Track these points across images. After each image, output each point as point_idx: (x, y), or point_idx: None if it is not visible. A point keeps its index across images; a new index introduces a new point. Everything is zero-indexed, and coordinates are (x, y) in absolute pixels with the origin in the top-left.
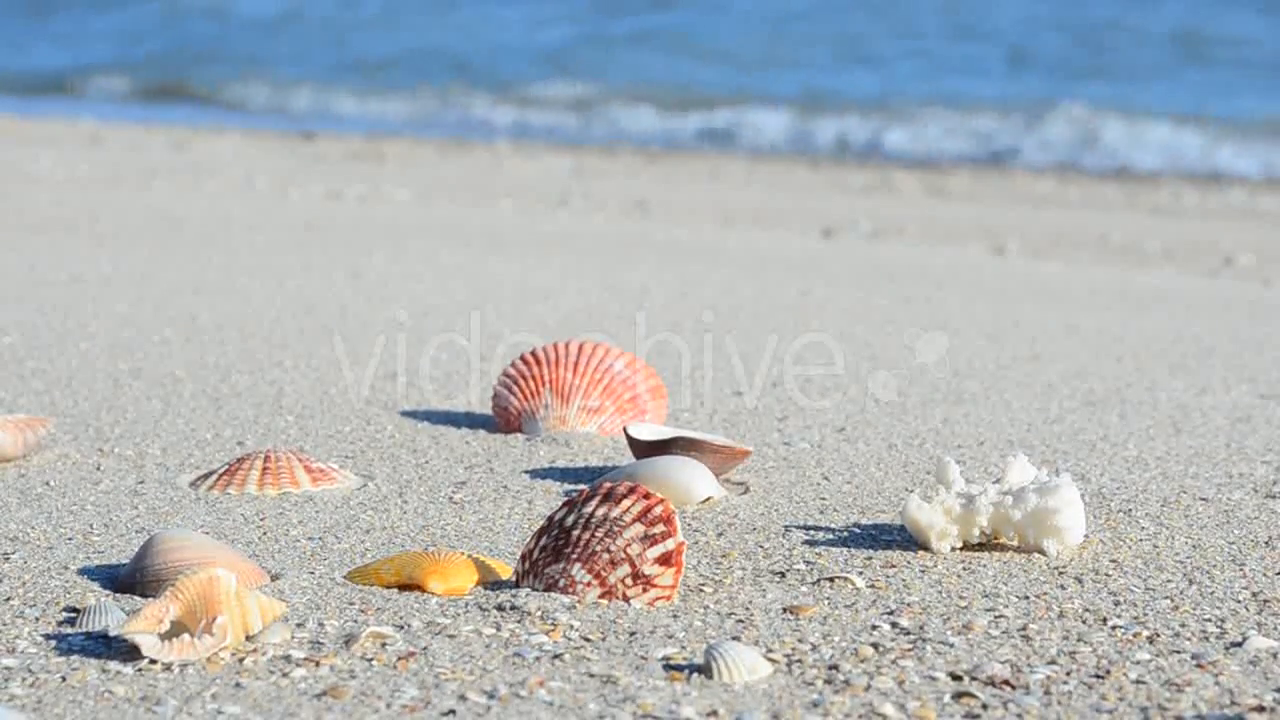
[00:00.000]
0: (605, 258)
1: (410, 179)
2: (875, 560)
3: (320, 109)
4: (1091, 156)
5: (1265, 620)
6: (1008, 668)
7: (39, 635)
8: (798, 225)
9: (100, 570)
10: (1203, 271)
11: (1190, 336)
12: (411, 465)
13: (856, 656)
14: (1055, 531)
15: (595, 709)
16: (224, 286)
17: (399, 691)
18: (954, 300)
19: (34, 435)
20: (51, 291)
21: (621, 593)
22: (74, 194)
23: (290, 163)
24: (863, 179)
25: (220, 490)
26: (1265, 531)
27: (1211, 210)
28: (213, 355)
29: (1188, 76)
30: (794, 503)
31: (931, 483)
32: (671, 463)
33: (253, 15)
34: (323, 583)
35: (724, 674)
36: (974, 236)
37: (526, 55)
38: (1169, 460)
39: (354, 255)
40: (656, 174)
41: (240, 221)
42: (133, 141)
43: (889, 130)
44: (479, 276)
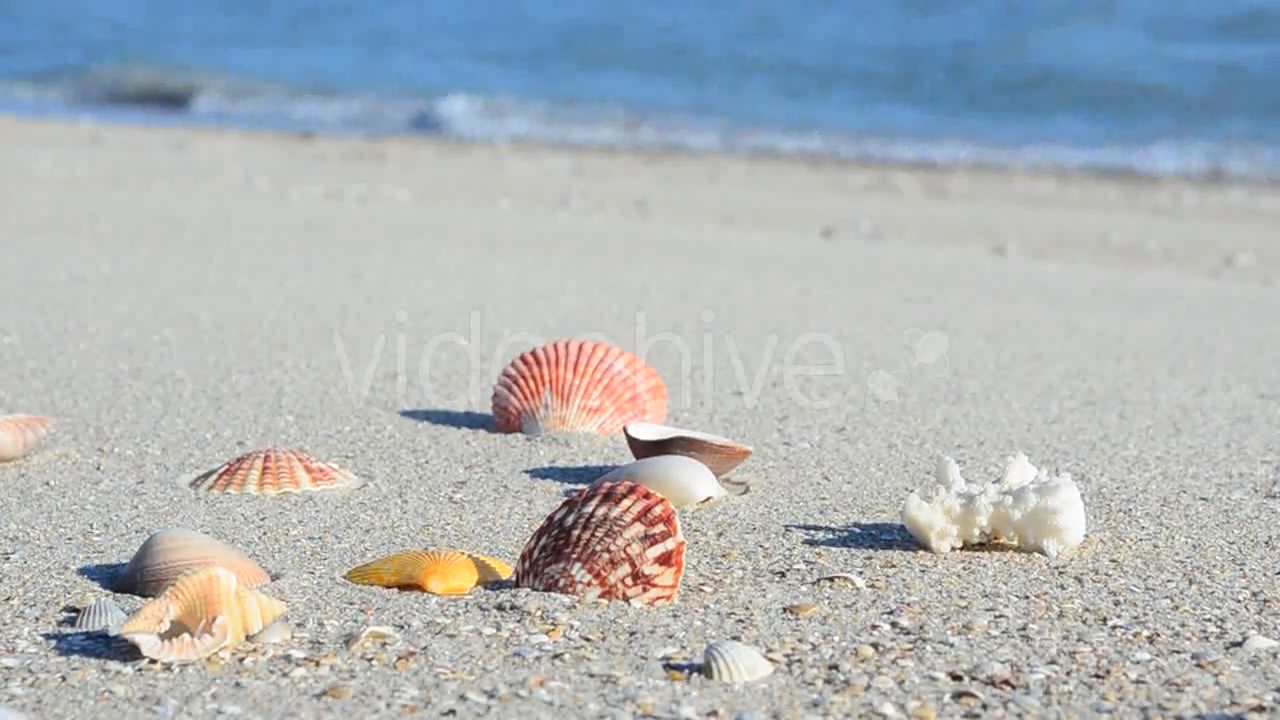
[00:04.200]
0: (605, 258)
1: (410, 179)
2: (875, 560)
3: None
4: (1092, 156)
5: (1265, 620)
6: (1008, 668)
7: (39, 635)
8: (798, 225)
9: (100, 570)
10: (1203, 271)
11: (1190, 336)
12: (411, 465)
13: (856, 656)
14: (1055, 531)
15: (595, 709)
16: (224, 286)
17: (399, 691)
18: (954, 300)
19: (34, 435)
20: (51, 291)
21: (621, 593)
22: (74, 194)
23: (290, 163)
24: (863, 179)
25: (220, 490)
26: (1265, 531)
27: (1211, 210)
28: (213, 355)
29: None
30: (794, 503)
31: (931, 483)
32: (671, 463)
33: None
34: (323, 583)
35: (724, 674)
36: (974, 236)
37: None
38: (1169, 460)
39: (354, 255)
40: (656, 174)
41: (240, 221)
42: (133, 141)
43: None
44: (479, 276)
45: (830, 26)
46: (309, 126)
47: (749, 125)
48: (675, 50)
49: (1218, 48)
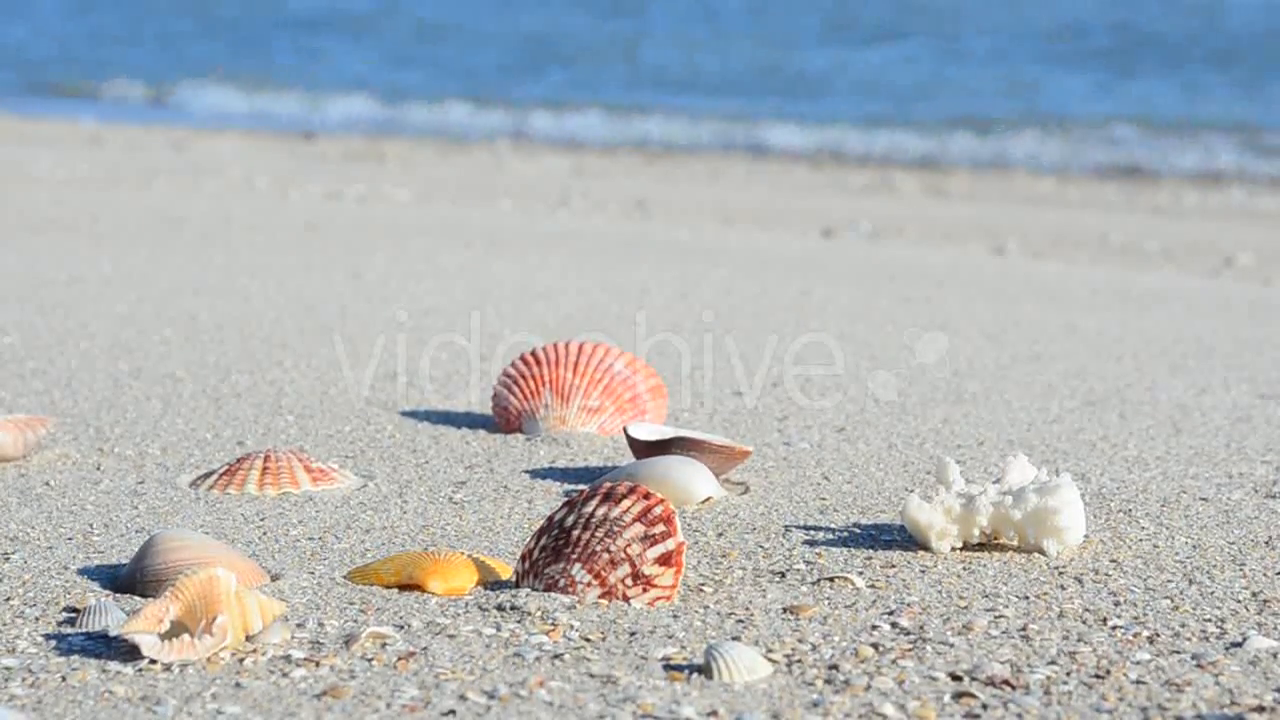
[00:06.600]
0: (605, 258)
1: (410, 179)
2: (875, 560)
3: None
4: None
5: (1265, 620)
6: (1008, 668)
7: (39, 635)
8: (798, 225)
9: (100, 570)
10: (1203, 271)
11: (1190, 336)
12: (411, 465)
13: (856, 656)
14: (1055, 531)
15: (595, 709)
16: (224, 286)
17: (399, 691)
18: (954, 300)
19: (34, 435)
20: (51, 291)
21: (621, 593)
22: (74, 194)
23: (290, 163)
24: (863, 179)
25: (220, 490)
26: (1265, 531)
27: (1211, 210)
28: (213, 355)
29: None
30: (794, 503)
31: (931, 483)
32: (671, 463)
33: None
34: (323, 583)
35: (724, 674)
36: (974, 236)
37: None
38: (1169, 460)
39: (354, 255)
40: (656, 174)
41: (240, 221)
42: (133, 141)
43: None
44: (479, 276)
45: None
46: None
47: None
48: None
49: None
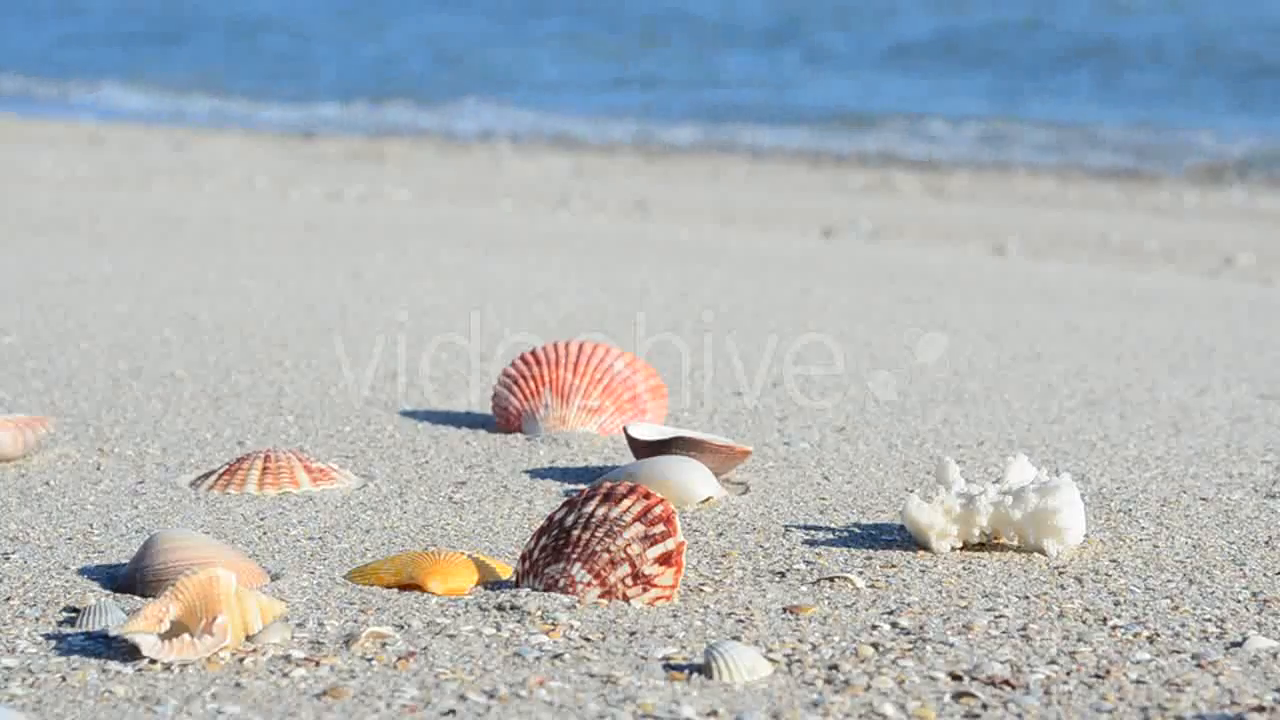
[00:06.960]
0: (605, 258)
1: (410, 179)
2: (875, 560)
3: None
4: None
5: (1265, 620)
6: (1008, 668)
7: (39, 635)
8: (798, 225)
9: (100, 570)
10: (1203, 271)
11: (1190, 336)
12: (411, 465)
13: (856, 656)
14: (1055, 531)
15: (595, 709)
16: (224, 286)
17: (399, 691)
18: (954, 300)
19: (34, 435)
20: (51, 291)
21: (621, 593)
22: (74, 194)
23: (290, 163)
24: (863, 179)
25: (220, 490)
26: (1265, 531)
27: (1211, 210)
28: (213, 355)
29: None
30: (794, 503)
31: (931, 483)
32: (671, 463)
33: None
34: (323, 583)
35: (724, 674)
36: (974, 236)
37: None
38: (1169, 460)
39: (354, 255)
40: (656, 174)
41: (240, 221)
42: (133, 141)
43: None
44: (479, 276)
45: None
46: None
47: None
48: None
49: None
